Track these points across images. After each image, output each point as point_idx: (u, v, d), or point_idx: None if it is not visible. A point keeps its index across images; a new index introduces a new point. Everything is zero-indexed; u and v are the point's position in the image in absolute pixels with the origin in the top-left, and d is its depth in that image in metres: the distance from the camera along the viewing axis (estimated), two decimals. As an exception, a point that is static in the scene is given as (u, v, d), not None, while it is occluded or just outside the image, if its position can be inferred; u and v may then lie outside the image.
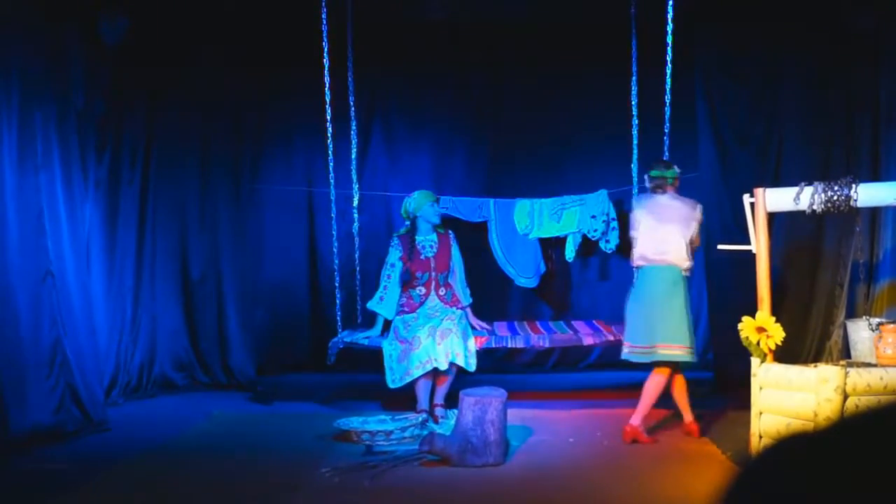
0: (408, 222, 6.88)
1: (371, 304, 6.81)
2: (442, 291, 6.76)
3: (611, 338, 6.77)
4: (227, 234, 8.03)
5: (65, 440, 5.84)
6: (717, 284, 7.45)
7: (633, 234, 5.98)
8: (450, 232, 6.95)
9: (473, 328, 6.81)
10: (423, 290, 6.74)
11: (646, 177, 6.09)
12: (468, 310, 6.92)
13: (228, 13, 7.48)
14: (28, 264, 5.74)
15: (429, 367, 6.26)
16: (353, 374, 7.95)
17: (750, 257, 5.55)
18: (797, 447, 0.93)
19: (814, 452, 0.90)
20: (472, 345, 6.47)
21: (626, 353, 6.01)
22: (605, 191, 7.83)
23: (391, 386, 6.39)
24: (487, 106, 8.53)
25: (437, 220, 6.89)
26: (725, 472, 4.75)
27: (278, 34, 7.73)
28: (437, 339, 6.33)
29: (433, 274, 6.76)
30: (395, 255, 6.77)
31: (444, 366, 6.26)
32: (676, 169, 6.04)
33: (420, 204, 6.80)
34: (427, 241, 6.80)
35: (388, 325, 6.78)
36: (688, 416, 5.98)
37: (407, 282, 6.75)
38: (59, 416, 5.91)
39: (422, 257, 6.74)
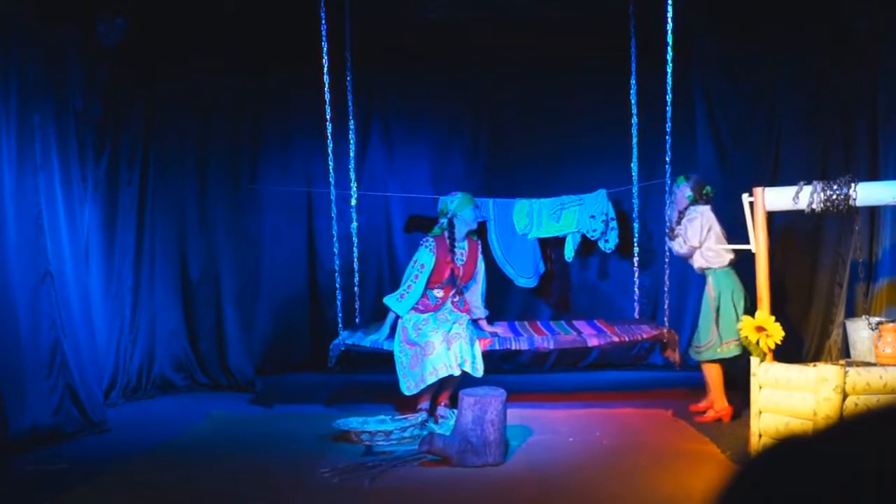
0: (443, 220, 6.63)
1: (389, 300, 6.57)
2: (457, 298, 6.66)
3: (615, 338, 6.73)
4: (226, 234, 8.02)
5: (64, 441, 5.83)
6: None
7: (695, 241, 6.28)
8: (479, 241, 6.84)
9: (490, 332, 6.77)
10: (442, 294, 6.59)
11: (689, 189, 6.43)
12: (483, 321, 6.84)
13: (227, 14, 7.47)
14: (27, 265, 5.74)
15: (442, 374, 6.16)
16: (353, 375, 7.95)
17: (749, 257, 5.56)
18: (795, 448, 0.93)
19: (811, 453, 0.90)
20: (479, 349, 6.38)
21: (722, 350, 6.23)
22: (604, 190, 7.83)
23: (406, 393, 6.28)
24: (486, 106, 8.54)
25: (475, 226, 6.72)
26: (724, 471, 4.75)
27: (277, 34, 7.73)
28: (448, 345, 6.24)
29: (458, 282, 6.62)
30: (427, 256, 6.51)
31: (457, 372, 6.18)
32: None
33: (463, 205, 6.56)
34: (460, 247, 6.62)
35: (395, 324, 6.59)
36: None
37: (429, 283, 6.55)
38: (59, 417, 5.91)
39: (457, 263, 6.58)
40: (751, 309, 6.05)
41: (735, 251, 6.24)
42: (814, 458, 0.89)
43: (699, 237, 6.26)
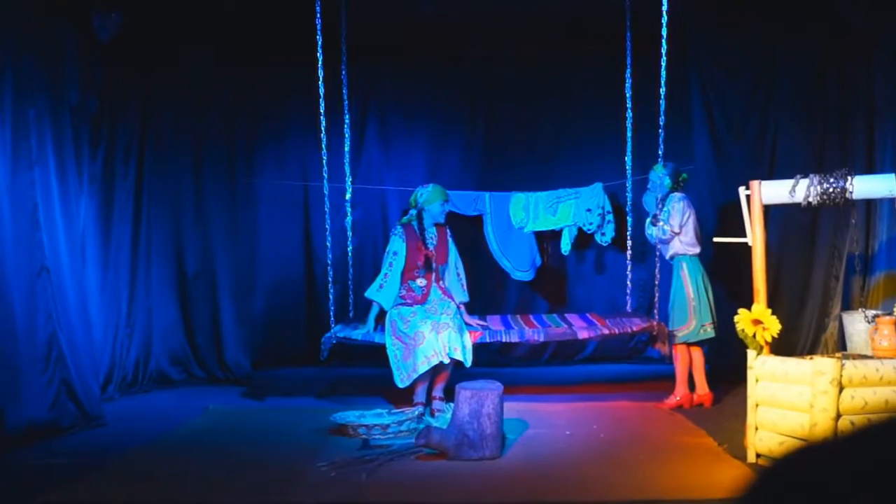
0: (413, 211, 6.75)
1: (370, 293, 6.64)
2: (442, 283, 6.71)
3: (605, 331, 6.76)
4: (221, 228, 8.02)
5: (60, 435, 5.83)
6: (713, 277, 7.48)
7: (676, 226, 6.42)
8: (447, 227, 6.88)
9: (468, 325, 6.79)
10: (424, 283, 6.63)
11: (666, 176, 6.55)
12: (462, 308, 6.85)
13: (223, 8, 7.45)
14: (23, 259, 5.73)
15: (434, 362, 6.21)
16: (349, 368, 7.96)
17: (745, 250, 5.56)
18: (819, 454, 0.92)
19: (838, 455, 0.90)
20: (468, 340, 6.44)
21: (702, 332, 6.45)
22: (600, 184, 7.83)
23: (400, 385, 6.30)
24: (482, 99, 8.53)
25: (442, 220, 6.77)
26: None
27: (272, 29, 7.71)
28: (437, 333, 6.29)
29: (434, 266, 6.68)
30: (399, 243, 6.63)
31: (446, 360, 6.23)
32: None
33: (431, 199, 6.67)
34: (428, 233, 6.72)
35: (380, 316, 6.64)
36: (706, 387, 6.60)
37: (407, 272, 6.63)
38: (55, 412, 5.90)
39: (428, 247, 6.66)
40: (707, 299, 6.43)
41: (700, 243, 6.49)
42: (839, 461, 0.88)
43: (680, 222, 6.42)
